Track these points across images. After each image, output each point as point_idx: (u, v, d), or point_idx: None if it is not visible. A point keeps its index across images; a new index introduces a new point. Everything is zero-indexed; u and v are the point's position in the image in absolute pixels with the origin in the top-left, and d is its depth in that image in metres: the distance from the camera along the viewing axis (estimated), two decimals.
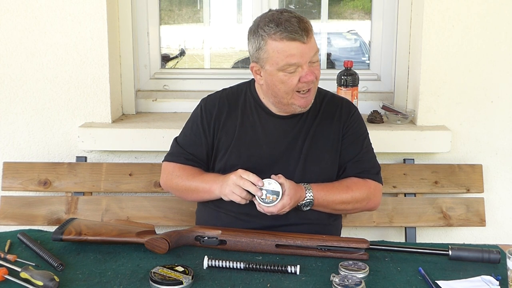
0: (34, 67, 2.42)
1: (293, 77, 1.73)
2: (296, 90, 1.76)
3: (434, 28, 2.37)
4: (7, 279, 1.43)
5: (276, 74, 1.75)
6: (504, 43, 2.39)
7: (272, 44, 1.71)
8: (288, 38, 1.69)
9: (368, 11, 2.74)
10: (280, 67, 1.73)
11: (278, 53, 1.71)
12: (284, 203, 1.68)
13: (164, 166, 1.97)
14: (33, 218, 2.36)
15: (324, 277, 1.47)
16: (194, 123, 1.94)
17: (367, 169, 1.89)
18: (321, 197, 1.77)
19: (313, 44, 1.74)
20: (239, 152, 1.85)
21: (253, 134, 1.87)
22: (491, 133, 2.47)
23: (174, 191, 1.96)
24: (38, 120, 2.47)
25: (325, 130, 1.88)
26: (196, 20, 3.02)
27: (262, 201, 1.68)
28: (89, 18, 2.37)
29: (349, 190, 1.83)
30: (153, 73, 2.71)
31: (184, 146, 1.93)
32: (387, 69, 2.66)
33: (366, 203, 1.87)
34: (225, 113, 1.90)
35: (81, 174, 2.38)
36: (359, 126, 1.93)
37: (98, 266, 1.54)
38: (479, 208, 2.39)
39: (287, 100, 1.79)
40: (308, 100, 1.80)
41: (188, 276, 1.42)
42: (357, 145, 1.90)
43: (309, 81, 1.74)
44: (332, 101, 1.94)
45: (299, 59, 1.71)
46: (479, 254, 1.58)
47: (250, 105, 1.90)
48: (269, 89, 1.80)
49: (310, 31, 1.72)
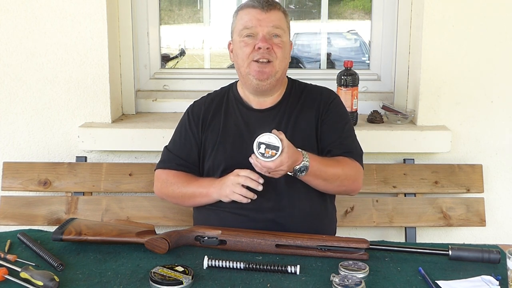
0: (34, 67, 2.42)
1: (250, 43, 1.84)
2: (252, 60, 1.83)
3: (434, 28, 2.37)
4: (7, 279, 1.43)
5: (237, 41, 1.88)
6: (504, 43, 2.39)
7: (239, 15, 1.90)
8: (249, 6, 1.87)
9: (368, 11, 2.74)
10: (239, 31, 1.86)
11: (240, 20, 1.88)
12: (282, 160, 1.63)
13: (157, 174, 1.99)
14: (33, 218, 2.36)
15: (324, 277, 1.47)
16: (183, 128, 1.99)
17: (351, 150, 1.90)
18: (316, 165, 1.74)
19: (274, 18, 1.85)
20: (224, 148, 1.89)
21: (236, 129, 1.91)
22: (491, 133, 2.47)
23: (170, 198, 1.98)
24: (38, 120, 2.47)
25: (306, 117, 1.90)
26: (196, 20, 3.02)
27: (261, 156, 1.62)
28: (89, 18, 2.37)
29: (340, 165, 1.83)
30: (153, 73, 2.71)
31: (175, 152, 1.96)
32: (387, 69, 2.66)
33: (352, 182, 1.86)
34: (211, 113, 1.95)
35: (81, 174, 2.38)
36: (339, 112, 1.95)
37: (98, 266, 1.54)
38: (479, 208, 2.39)
39: (244, 69, 1.86)
40: (264, 72, 1.84)
41: (188, 276, 1.42)
42: (337, 129, 1.91)
43: (262, 47, 1.81)
44: (312, 90, 1.98)
45: (255, 23, 1.83)
46: (479, 254, 1.58)
47: (232, 104, 1.96)
48: (236, 63, 1.91)
49: (274, 6, 1.86)
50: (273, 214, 1.80)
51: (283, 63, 1.88)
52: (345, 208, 2.35)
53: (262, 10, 1.84)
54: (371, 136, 2.34)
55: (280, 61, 1.86)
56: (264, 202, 1.78)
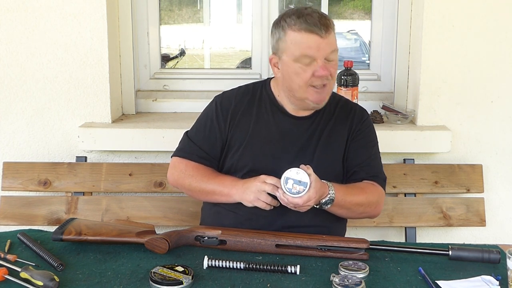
0: (34, 67, 2.42)
1: (307, 69, 1.74)
2: (310, 85, 1.76)
3: (434, 28, 2.37)
4: (7, 279, 1.43)
5: (292, 65, 1.76)
6: (504, 43, 2.39)
7: (291, 35, 1.74)
8: (307, 30, 1.71)
9: (368, 11, 2.74)
10: (296, 57, 1.74)
11: (295, 44, 1.73)
12: (310, 196, 1.61)
13: (175, 163, 1.91)
14: (33, 218, 2.36)
15: (324, 277, 1.47)
16: (209, 119, 1.90)
17: (377, 174, 1.88)
18: (341, 196, 1.73)
19: (331, 41, 1.75)
20: (252, 150, 1.84)
21: (267, 132, 1.85)
22: (491, 133, 2.47)
23: (185, 190, 1.92)
24: (38, 120, 2.47)
25: (337, 133, 1.87)
26: (196, 20, 3.02)
27: (288, 191, 1.61)
28: (89, 18, 2.37)
29: (364, 192, 1.81)
30: (153, 73, 2.71)
31: (198, 142, 1.89)
32: (387, 69, 2.66)
33: (374, 207, 1.85)
34: (241, 110, 1.88)
35: (81, 174, 2.38)
36: (369, 132, 1.93)
37: (98, 266, 1.54)
38: (479, 208, 2.39)
39: (300, 94, 1.78)
40: (322, 96, 1.79)
41: (188, 276, 1.42)
42: (366, 150, 1.89)
43: (322, 76, 1.74)
44: (346, 106, 1.94)
45: (315, 52, 1.72)
46: (479, 254, 1.58)
47: (266, 104, 1.89)
48: (285, 81, 1.81)
49: (330, 28, 1.74)
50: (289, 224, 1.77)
51: (334, 80, 1.83)
52: None
53: (321, 36, 1.71)
54: None
55: (334, 80, 1.81)
56: (275, 217, 1.76)
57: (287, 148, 1.84)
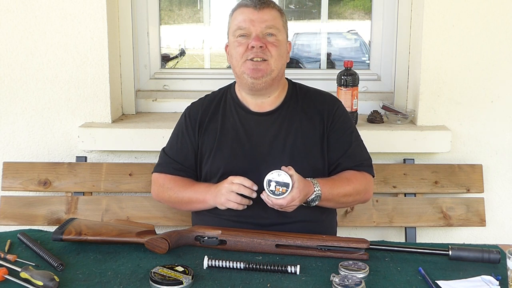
0: (34, 67, 2.42)
1: (243, 42, 1.82)
2: (246, 58, 1.81)
3: (434, 28, 2.37)
4: (7, 279, 1.44)
5: (232, 42, 1.86)
6: (504, 43, 2.39)
7: (233, 16, 1.88)
8: (242, 5, 1.85)
9: (368, 11, 2.74)
10: (233, 32, 1.85)
11: (234, 20, 1.86)
12: (293, 196, 1.64)
13: (154, 178, 1.98)
14: (33, 218, 2.36)
15: (324, 277, 1.47)
16: (180, 131, 1.96)
17: (362, 161, 1.89)
18: (327, 191, 1.75)
19: (267, 17, 1.82)
20: (222, 153, 1.86)
21: (235, 134, 1.88)
22: (491, 133, 2.47)
23: (167, 203, 1.97)
24: (38, 120, 2.47)
25: (309, 124, 1.88)
26: (196, 20, 3.02)
27: (272, 193, 1.64)
28: (89, 18, 2.37)
29: (350, 182, 1.82)
30: (153, 73, 2.71)
31: (172, 156, 1.95)
32: (387, 69, 2.66)
33: (363, 195, 1.88)
34: (208, 116, 1.92)
35: (81, 174, 2.38)
36: (344, 120, 1.93)
37: (98, 266, 1.54)
38: (479, 208, 2.39)
39: (238, 69, 1.84)
40: (259, 70, 1.81)
41: (188, 276, 1.42)
42: (346, 139, 1.90)
43: (255, 46, 1.78)
44: (314, 96, 1.95)
45: (248, 24, 1.81)
46: (479, 254, 1.58)
47: (230, 106, 1.93)
48: (231, 64, 1.88)
49: (266, 4, 1.84)
50: (272, 221, 1.78)
51: (279, 62, 1.83)
52: (345, 208, 2.35)
53: (255, 9, 1.81)
54: (371, 136, 2.33)
55: (276, 59, 1.82)
56: (261, 213, 1.77)
57: (256, 146, 1.85)
